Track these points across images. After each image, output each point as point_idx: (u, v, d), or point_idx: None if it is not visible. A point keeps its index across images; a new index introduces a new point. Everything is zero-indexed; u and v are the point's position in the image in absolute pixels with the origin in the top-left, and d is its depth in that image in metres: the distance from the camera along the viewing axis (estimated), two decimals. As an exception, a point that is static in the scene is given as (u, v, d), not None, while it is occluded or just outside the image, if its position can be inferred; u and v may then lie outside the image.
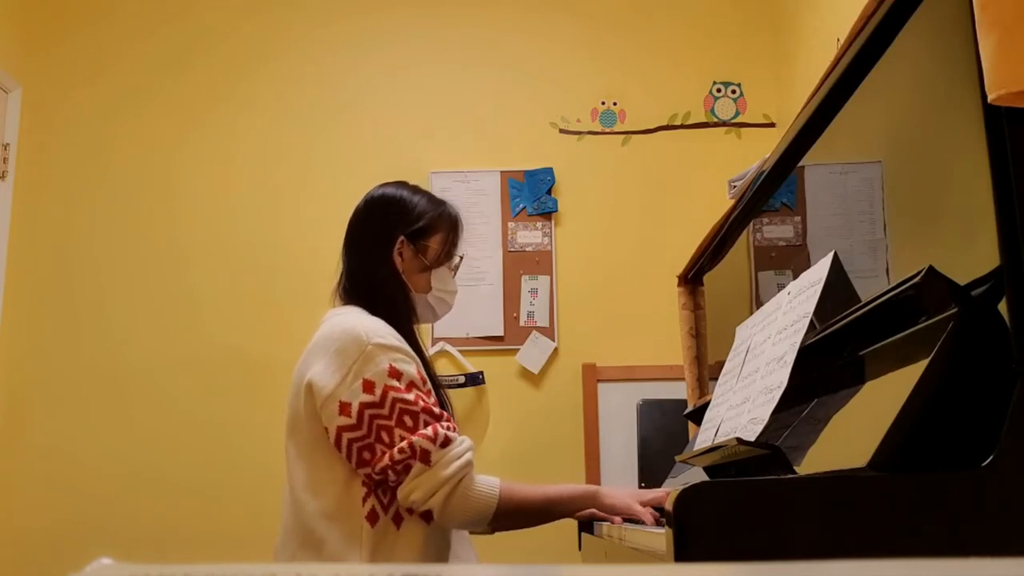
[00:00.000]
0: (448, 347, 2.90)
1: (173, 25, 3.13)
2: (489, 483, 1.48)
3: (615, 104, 3.09)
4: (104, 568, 0.37)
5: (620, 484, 2.76)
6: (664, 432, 2.64)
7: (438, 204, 1.69)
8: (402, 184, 1.72)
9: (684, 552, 0.82)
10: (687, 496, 0.82)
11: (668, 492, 1.51)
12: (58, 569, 2.55)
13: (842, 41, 1.18)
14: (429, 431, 1.44)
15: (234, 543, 2.75)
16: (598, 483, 2.80)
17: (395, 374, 1.46)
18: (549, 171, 3.03)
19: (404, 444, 1.42)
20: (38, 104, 3.06)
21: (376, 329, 1.50)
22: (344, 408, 1.44)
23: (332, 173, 3.04)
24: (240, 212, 3.02)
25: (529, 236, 3.01)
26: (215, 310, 2.95)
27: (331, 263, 2.92)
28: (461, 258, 1.74)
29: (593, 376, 2.91)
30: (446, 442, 1.45)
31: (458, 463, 1.45)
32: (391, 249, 1.62)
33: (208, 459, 2.84)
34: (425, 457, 1.43)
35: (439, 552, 1.54)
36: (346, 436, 1.44)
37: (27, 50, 3.06)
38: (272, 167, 3.05)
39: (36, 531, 2.80)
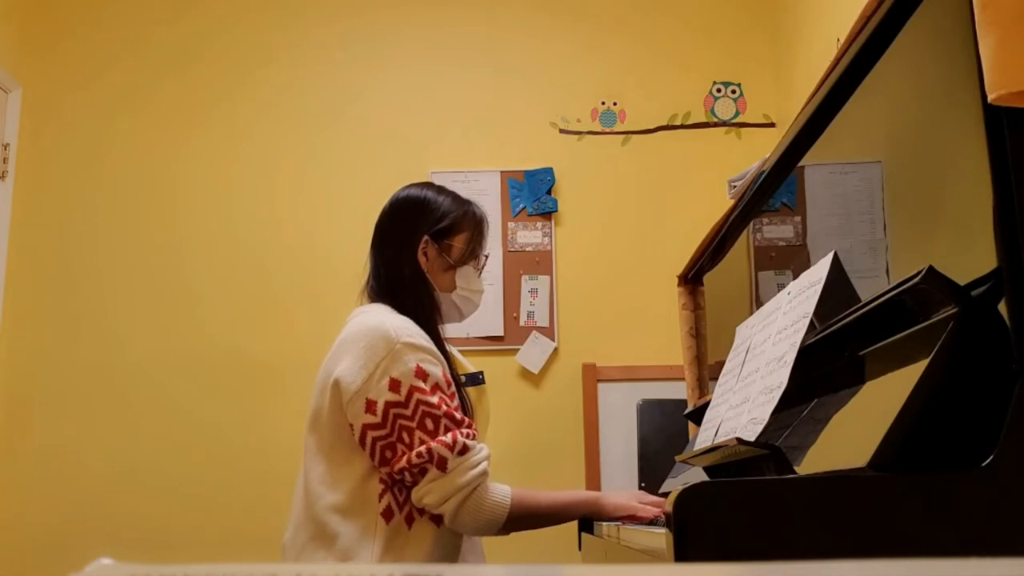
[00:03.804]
0: (448, 347, 2.90)
1: (173, 25, 3.13)
2: (502, 493, 1.50)
3: (615, 104, 3.09)
4: (104, 568, 0.37)
5: (621, 486, 2.77)
6: (664, 432, 2.64)
7: (463, 203, 1.70)
8: (427, 185, 1.74)
9: (684, 552, 0.82)
10: (687, 496, 0.82)
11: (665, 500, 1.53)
12: (58, 569, 2.55)
13: (842, 41, 1.18)
14: (448, 438, 1.45)
15: (234, 543, 2.75)
16: (598, 483, 2.81)
17: (422, 375, 1.48)
18: (549, 171, 3.03)
19: (423, 448, 1.44)
20: (38, 104, 3.06)
21: (405, 328, 1.52)
22: (370, 406, 1.46)
23: (332, 173, 3.04)
24: (240, 212, 3.02)
25: (529, 236, 3.01)
26: (215, 310, 2.95)
27: (331, 262, 2.94)
28: (487, 257, 1.75)
29: (593, 376, 2.91)
30: (464, 450, 1.46)
31: (473, 472, 1.46)
32: (416, 249, 1.64)
33: (208, 459, 2.84)
34: (442, 464, 1.44)
35: (448, 555, 1.55)
36: (371, 434, 1.46)
37: (27, 50, 3.06)
38: (272, 167, 3.05)
39: (36, 531, 2.80)
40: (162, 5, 3.14)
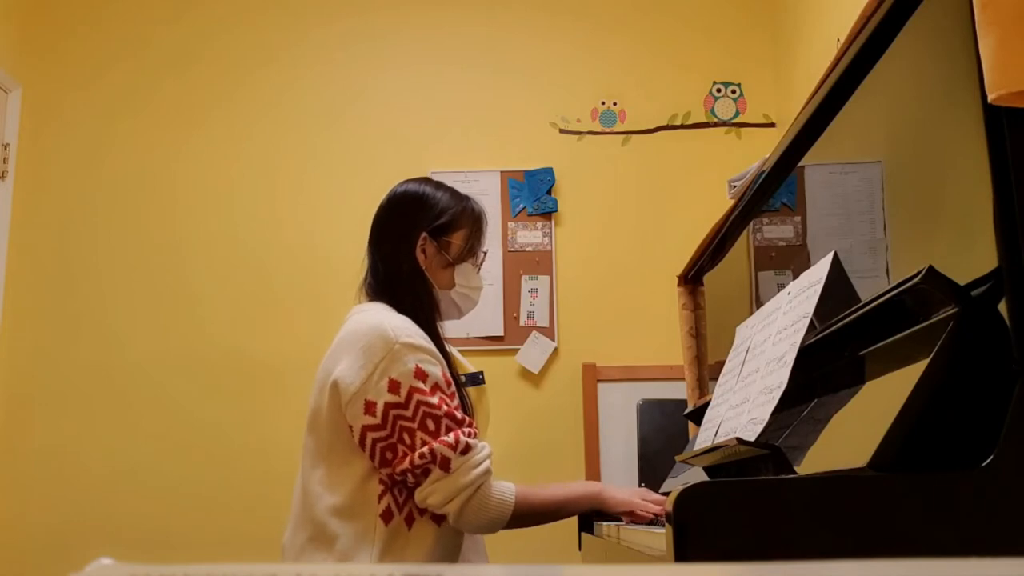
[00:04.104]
0: (448, 347, 2.89)
1: (173, 25, 3.13)
2: (505, 490, 1.50)
3: (615, 104, 3.09)
4: (104, 568, 0.37)
5: (621, 486, 2.77)
6: (664, 432, 2.64)
7: (461, 200, 1.68)
8: (425, 180, 1.72)
9: (684, 552, 0.82)
10: (687, 496, 0.82)
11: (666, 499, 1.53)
12: (58, 569, 2.55)
13: (842, 41, 1.18)
14: (450, 438, 1.45)
15: (234, 543, 2.75)
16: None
17: (421, 375, 1.47)
18: (549, 171, 3.03)
19: (425, 449, 1.43)
20: (38, 104, 3.06)
21: (403, 328, 1.50)
22: (369, 407, 1.45)
23: (332, 173, 3.04)
24: (240, 212, 3.02)
25: (529, 236, 3.01)
26: (215, 310, 2.95)
27: (331, 262, 2.94)
28: (485, 253, 1.73)
29: (593, 376, 2.91)
30: (466, 449, 1.45)
31: (477, 471, 1.46)
32: (414, 246, 1.62)
33: (208, 459, 2.84)
34: (445, 464, 1.44)
35: (448, 554, 1.54)
36: (371, 436, 1.45)
37: (27, 50, 3.06)
38: (272, 167, 3.05)
39: (36, 531, 2.80)
40: (162, 5, 3.14)
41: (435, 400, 1.46)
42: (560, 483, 1.68)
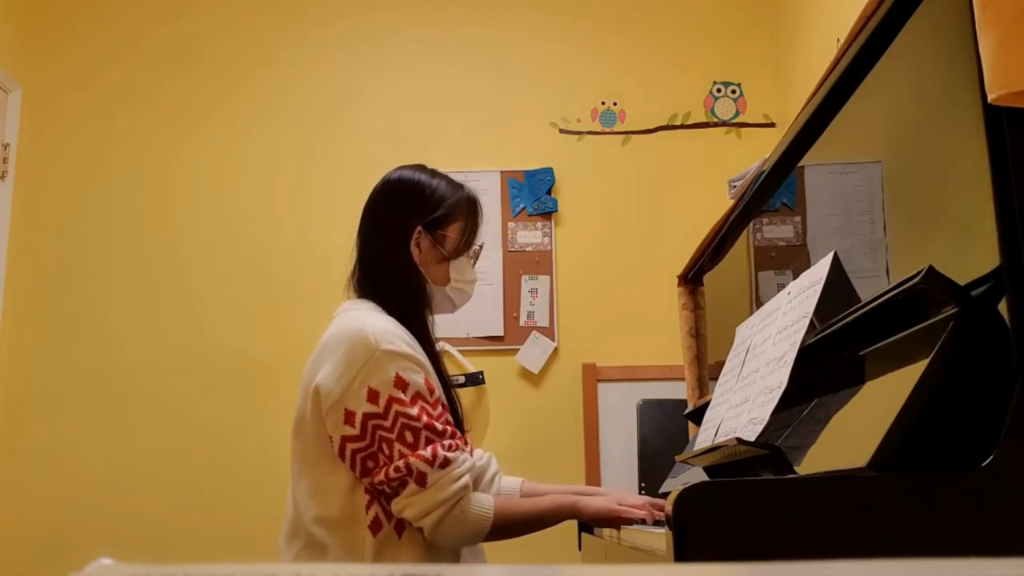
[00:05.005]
0: (448, 347, 2.90)
1: (173, 25, 3.13)
2: (485, 504, 1.45)
3: (615, 104, 3.09)
4: (104, 568, 0.37)
5: (620, 486, 2.77)
6: (664, 432, 2.64)
7: (457, 188, 1.61)
8: (420, 167, 1.64)
9: (684, 552, 0.82)
10: (687, 496, 0.82)
11: (647, 500, 1.51)
12: (58, 569, 2.55)
13: (842, 41, 1.18)
14: (428, 452, 1.39)
15: (234, 543, 2.75)
16: (598, 483, 2.80)
17: (401, 384, 1.41)
18: (549, 171, 3.03)
19: (401, 463, 1.39)
20: (38, 104, 3.06)
21: (386, 333, 1.45)
22: (349, 417, 1.41)
23: (332, 173, 3.04)
24: (240, 212, 3.02)
25: (529, 236, 3.01)
26: (215, 310, 2.95)
27: (331, 262, 2.93)
28: (481, 246, 1.66)
29: (593, 376, 2.91)
30: (445, 463, 1.40)
31: (455, 486, 1.40)
32: (408, 240, 1.55)
33: (208, 459, 2.84)
34: (421, 479, 1.39)
35: (444, 559, 1.52)
36: (350, 446, 1.42)
37: (27, 50, 3.06)
38: (272, 167, 3.05)
39: (36, 531, 2.80)
40: (162, 5, 3.14)
41: (414, 411, 1.41)
42: (543, 488, 1.62)
